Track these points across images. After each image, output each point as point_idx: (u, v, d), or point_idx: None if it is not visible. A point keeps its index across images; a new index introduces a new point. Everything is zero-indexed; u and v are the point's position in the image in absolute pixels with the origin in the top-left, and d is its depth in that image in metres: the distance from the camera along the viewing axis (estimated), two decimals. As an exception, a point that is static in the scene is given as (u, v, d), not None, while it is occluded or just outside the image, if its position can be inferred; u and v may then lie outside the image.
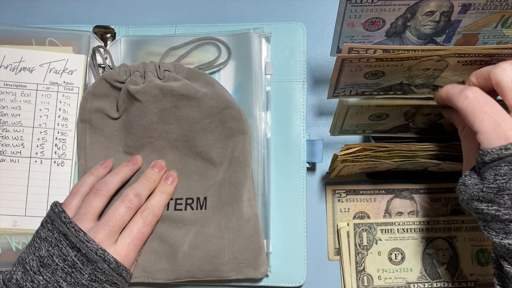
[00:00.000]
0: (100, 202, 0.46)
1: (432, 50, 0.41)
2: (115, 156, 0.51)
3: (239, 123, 0.50)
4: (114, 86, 0.50)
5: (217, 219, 0.49)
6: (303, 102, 0.53)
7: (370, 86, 0.46)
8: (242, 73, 0.52)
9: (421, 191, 0.53)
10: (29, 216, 0.51)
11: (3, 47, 0.52)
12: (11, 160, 0.51)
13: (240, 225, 0.49)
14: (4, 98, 0.52)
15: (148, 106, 0.48)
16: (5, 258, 0.50)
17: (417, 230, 0.52)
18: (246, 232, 0.49)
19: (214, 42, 0.53)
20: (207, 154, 0.50)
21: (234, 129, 0.50)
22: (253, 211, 0.49)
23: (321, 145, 0.52)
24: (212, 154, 0.50)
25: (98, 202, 0.46)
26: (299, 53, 0.54)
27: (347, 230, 0.52)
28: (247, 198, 0.49)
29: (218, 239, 0.49)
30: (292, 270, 0.51)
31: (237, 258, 0.48)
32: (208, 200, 0.50)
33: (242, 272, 0.48)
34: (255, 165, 0.51)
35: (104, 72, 0.52)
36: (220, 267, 0.48)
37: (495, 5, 0.42)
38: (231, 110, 0.49)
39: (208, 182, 0.50)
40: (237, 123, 0.50)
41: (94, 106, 0.51)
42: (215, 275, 0.48)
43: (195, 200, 0.50)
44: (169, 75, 0.49)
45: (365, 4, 0.42)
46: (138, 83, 0.49)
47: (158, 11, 0.58)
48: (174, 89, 0.48)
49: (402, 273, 0.51)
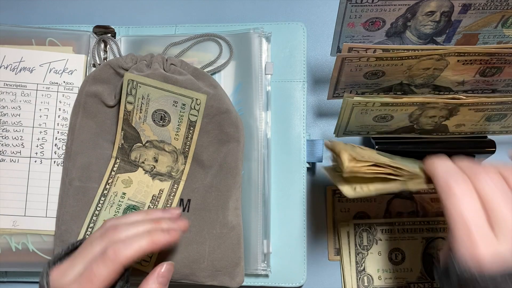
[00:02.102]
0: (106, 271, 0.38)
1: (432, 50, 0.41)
2: (103, 145, 0.51)
3: (235, 131, 0.49)
4: (118, 72, 0.50)
5: (198, 223, 0.49)
6: (303, 102, 0.53)
7: (370, 86, 0.46)
8: (242, 73, 0.52)
9: (421, 191, 0.53)
10: (28, 216, 0.51)
11: (3, 47, 0.52)
12: (11, 160, 0.51)
13: (224, 232, 0.49)
14: (4, 98, 0.52)
15: None
16: (4, 258, 0.50)
17: (417, 230, 0.52)
18: (228, 240, 0.49)
19: (215, 39, 0.53)
20: (198, 155, 0.50)
21: (230, 135, 0.49)
22: (238, 220, 0.49)
23: (321, 145, 0.52)
24: (203, 156, 0.50)
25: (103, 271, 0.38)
26: (299, 53, 0.54)
27: (347, 230, 0.52)
28: (234, 206, 0.49)
29: (199, 244, 0.48)
30: (292, 270, 0.51)
31: (216, 265, 0.48)
32: (191, 202, 0.50)
33: (218, 279, 0.48)
34: (255, 165, 0.51)
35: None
36: (197, 272, 0.48)
37: (495, 5, 0.42)
38: (230, 115, 0.49)
39: (194, 185, 0.50)
40: (234, 129, 0.49)
41: (92, 90, 0.50)
42: (190, 279, 0.48)
43: (178, 201, 0.50)
44: (174, 68, 0.49)
45: (365, 4, 0.42)
46: (143, 70, 0.49)
47: (158, 11, 0.58)
48: (178, 81, 0.48)
49: (402, 273, 0.51)
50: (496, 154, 0.51)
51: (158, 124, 0.49)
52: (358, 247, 0.51)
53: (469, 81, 0.45)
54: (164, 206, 0.50)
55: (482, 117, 0.45)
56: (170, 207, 0.49)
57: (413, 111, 0.44)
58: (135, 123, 0.49)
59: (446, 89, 0.46)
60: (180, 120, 0.48)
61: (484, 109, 0.44)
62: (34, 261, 0.50)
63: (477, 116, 0.45)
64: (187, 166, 0.49)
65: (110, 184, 0.50)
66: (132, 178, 0.50)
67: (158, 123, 0.49)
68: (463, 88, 0.46)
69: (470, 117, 0.45)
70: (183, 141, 0.49)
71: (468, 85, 0.46)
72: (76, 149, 0.50)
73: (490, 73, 0.44)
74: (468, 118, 0.45)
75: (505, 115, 0.45)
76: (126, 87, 0.48)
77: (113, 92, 0.50)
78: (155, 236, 0.40)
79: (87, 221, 0.49)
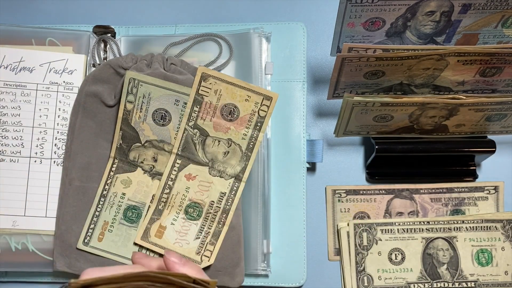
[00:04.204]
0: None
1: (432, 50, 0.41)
2: (103, 145, 0.50)
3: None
4: (118, 72, 0.50)
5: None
6: (303, 102, 0.53)
7: (370, 86, 0.46)
8: (242, 73, 0.52)
9: (421, 191, 0.53)
10: (28, 216, 0.51)
11: (3, 47, 0.52)
12: (10, 160, 0.51)
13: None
14: (4, 98, 0.52)
15: None
16: (4, 258, 0.50)
17: (417, 230, 0.51)
18: (228, 240, 0.49)
19: (215, 39, 0.53)
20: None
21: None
22: (238, 220, 0.49)
23: (321, 145, 0.52)
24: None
25: None
26: (299, 53, 0.54)
27: (347, 230, 0.52)
28: (236, 207, 0.49)
29: None
30: (292, 270, 0.51)
31: (216, 266, 0.48)
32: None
33: (218, 279, 0.48)
34: (255, 165, 0.51)
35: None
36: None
37: (495, 5, 0.42)
38: None
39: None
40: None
41: (92, 90, 0.50)
42: None
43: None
44: (175, 68, 0.49)
45: (365, 4, 0.42)
46: (143, 70, 0.49)
47: (158, 11, 0.58)
48: (178, 80, 0.48)
49: (402, 273, 0.51)
50: (496, 154, 0.51)
51: (158, 124, 0.49)
52: (358, 247, 0.51)
53: (469, 81, 0.45)
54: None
55: (482, 117, 0.45)
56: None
57: (413, 111, 0.44)
58: (135, 122, 0.49)
59: (446, 89, 0.46)
60: (180, 119, 0.48)
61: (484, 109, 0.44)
62: (34, 261, 0.50)
63: (477, 116, 0.45)
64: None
65: (109, 184, 0.50)
66: (131, 178, 0.50)
67: (158, 123, 0.49)
68: (463, 88, 0.46)
69: (470, 117, 0.45)
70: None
71: (468, 85, 0.46)
72: (76, 149, 0.50)
73: (490, 73, 0.44)
74: (468, 118, 0.45)
75: (505, 115, 0.45)
76: (127, 86, 0.48)
77: (113, 92, 0.50)
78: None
79: (88, 222, 0.49)
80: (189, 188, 0.49)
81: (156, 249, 0.49)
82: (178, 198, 0.49)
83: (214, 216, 0.48)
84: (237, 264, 0.49)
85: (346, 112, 0.44)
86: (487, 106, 0.43)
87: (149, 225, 0.49)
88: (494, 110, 0.44)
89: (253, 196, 0.51)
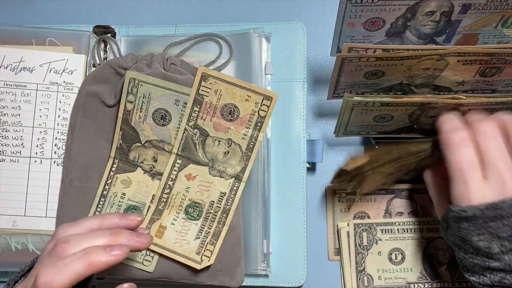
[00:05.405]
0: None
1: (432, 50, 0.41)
2: (103, 145, 0.50)
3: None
4: (118, 72, 0.50)
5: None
6: (303, 102, 0.53)
7: (370, 87, 0.46)
8: (242, 73, 0.52)
9: (421, 191, 0.53)
10: (28, 216, 0.51)
11: (3, 47, 0.52)
12: (11, 160, 0.51)
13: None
14: (4, 98, 0.52)
15: None
16: (4, 258, 0.50)
17: (417, 230, 0.52)
18: (229, 241, 0.49)
19: (215, 39, 0.53)
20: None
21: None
22: (238, 220, 0.49)
23: (321, 145, 0.52)
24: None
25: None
26: (299, 53, 0.54)
27: (347, 230, 0.52)
28: (236, 207, 0.49)
29: None
30: (292, 270, 0.51)
31: (216, 266, 0.48)
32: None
33: (218, 279, 0.49)
34: (255, 165, 0.51)
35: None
36: (197, 271, 0.48)
37: (495, 5, 0.42)
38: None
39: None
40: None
41: (92, 90, 0.50)
42: (190, 279, 0.49)
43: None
44: (175, 68, 0.49)
45: (365, 4, 0.42)
46: (144, 70, 0.49)
47: (158, 11, 0.58)
48: (178, 80, 0.48)
49: (402, 273, 0.51)
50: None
51: (158, 124, 0.49)
52: (358, 247, 0.51)
53: (469, 81, 0.45)
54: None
55: (482, 117, 0.45)
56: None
57: (413, 111, 0.44)
58: (135, 122, 0.49)
59: (446, 89, 0.46)
60: (180, 119, 0.48)
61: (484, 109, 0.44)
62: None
63: (477, 116, 0.45)
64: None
65: (109, 184, 0.50)
66: (131, 178, 0.50)
67: (158, 123, 0.49)
68: (463, 88, 0.46)
69: (470, 117, 0.45)
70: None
71: (468, 85, 0.46)
72: (76, 149, 0.50)
73: (490, 73, 0.44)
74: (468, 118, 0.45)
75: (505, 115, 0.45)
76: (127, 86, 0.48)
77: (113, 92, 0.50)
78: (92, 256, 0.36)
79: None
80: (189, 188, 0.49)
81: (156, 249, 0.49)
82: (178, 198, 0.49)
83: (214, 216, 0.48)
84: (237, 264, 0.49)
85: (346, 112, 0.44)
86: (487, 106, 0.43)
87: (149, 225, 0.49)
88: (494, 110, 0.44)
89: (253, 196, 0.51)
